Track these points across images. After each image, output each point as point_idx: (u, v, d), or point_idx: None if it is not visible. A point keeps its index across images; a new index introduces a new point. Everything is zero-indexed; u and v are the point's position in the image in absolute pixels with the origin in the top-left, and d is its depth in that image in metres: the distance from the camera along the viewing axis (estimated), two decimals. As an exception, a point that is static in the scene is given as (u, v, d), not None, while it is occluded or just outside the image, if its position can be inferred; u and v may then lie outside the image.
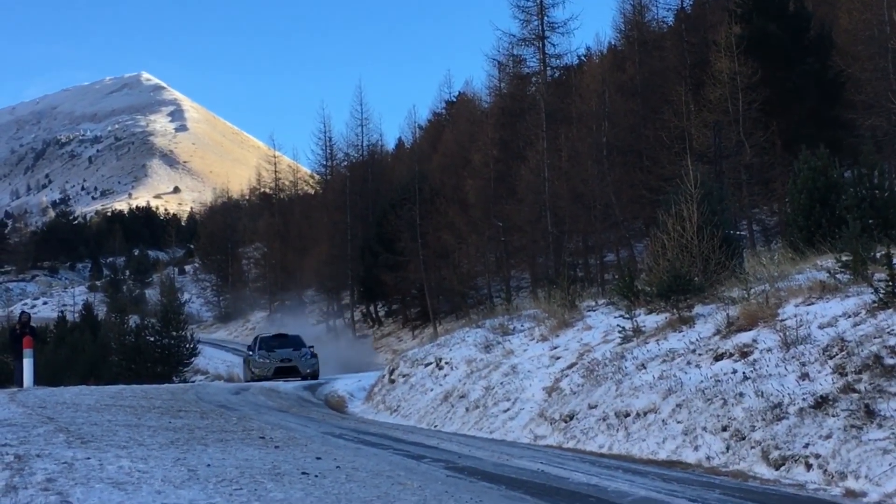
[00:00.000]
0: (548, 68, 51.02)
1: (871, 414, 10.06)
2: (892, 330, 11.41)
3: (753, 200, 37.34)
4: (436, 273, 51.63)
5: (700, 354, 14.33)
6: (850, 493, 9.00)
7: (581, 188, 41.53)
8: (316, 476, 8.27)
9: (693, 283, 17.57)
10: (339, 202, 69.46)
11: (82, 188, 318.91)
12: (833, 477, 9.53)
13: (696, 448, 11.63)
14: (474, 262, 49.45)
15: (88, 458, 8.49)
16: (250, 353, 35.68)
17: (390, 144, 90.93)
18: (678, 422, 12.31)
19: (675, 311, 17.28)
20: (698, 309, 17.09)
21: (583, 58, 58.76)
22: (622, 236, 43.00)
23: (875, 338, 11.39)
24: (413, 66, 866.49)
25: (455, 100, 76.83)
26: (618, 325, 17.93)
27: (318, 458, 9.71)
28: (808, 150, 21.82)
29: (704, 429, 11.84)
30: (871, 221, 18.66)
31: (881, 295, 12.46)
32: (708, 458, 11.31)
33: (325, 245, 69.95)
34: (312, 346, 36.37)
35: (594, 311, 21.71)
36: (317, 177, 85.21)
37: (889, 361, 10.78)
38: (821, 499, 8.89)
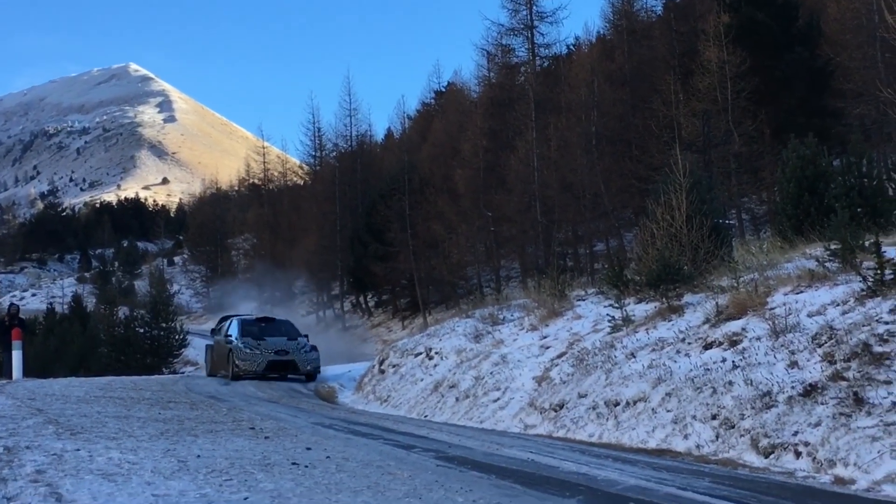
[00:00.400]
0: (537, 58, 51.06)
1: (859, 401, 10.09)
2: (881, 318, 11.45)
3: (742, 189, 37.38)
4: (425, 263, 51.62)
5: (689, 343, 14.36)
6: (839, 481, 9.03)
7: (570, 178, 41.54)
8: (306, 466, 8.28)
9: (682, 272, 17.59)
10: (328, 193, 69.43)
11: (70, 180, 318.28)
12: (822, 464, 9.55)
13: (686, 436, 11.66)
14: (464, 252, 49.39)
15: (78, 450, 8.49)
16: (228, 339, 26.88)
17: (379, 135, 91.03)
18: (668, 410, 12.33)
19: (664, 300, 17.31)
20: (687, 298, 17.13)
21: (571, 47, 58.87)
22: (611, 226, 43.02)
23: (864, 326, 11.43)
24: (402, 57, 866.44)
25: (444, 90, 76.76)
26: (607, 315, 17.97)
27: (309, 449, 9.72)
28: (796, 139, 21.87)
29: (694, 417, 11.86)
30: (859, 210, 18.73)
31: (870, 283, 12.51)
32: (697, 446, 11.33)
33: (314, 236, 69.91)
34: (307, 336, 28.69)
35: (584, 300, 21.74)
36: (306, 167, 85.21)
37: (877, 349, 10.81)
38: (810, 486, 8.91)
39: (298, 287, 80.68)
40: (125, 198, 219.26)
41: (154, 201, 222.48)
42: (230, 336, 26.98)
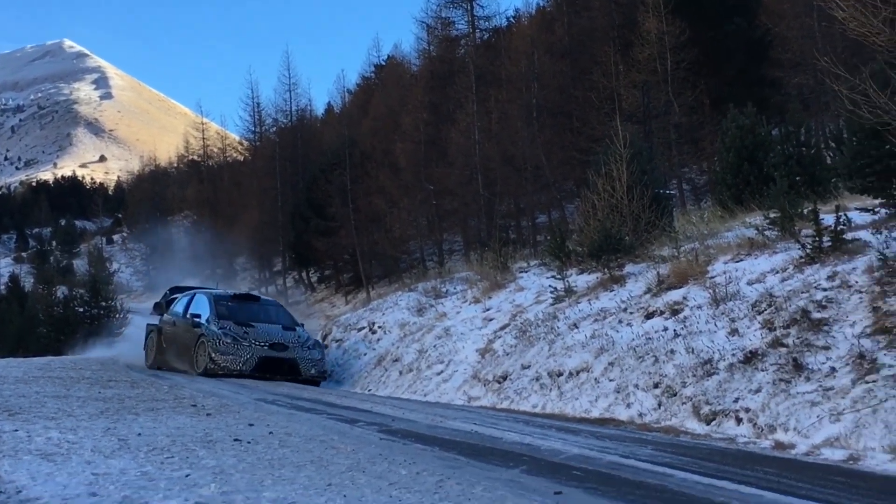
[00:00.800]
0: (477, 30, 50.90)
1: (799, 367, 10.20)
2: (819, 284, 11.58)
3: (683, 159, 37.63)
4: (368, 238, 51.40)
5: (631, 313, 14.45)
6: (779, 446, 9.13)
7: (511, 150, 41.51)
8: (248, 442, 8.21)
9: (623, 242, 17.69)
10: (268, 168, 68.96)
11: (6, 158, 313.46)
12: (763, 430, 9.66)
13: (629, 405, 11.73)
14: (406, 226, 49.23)
15: (16, 430, 8.35)
16: (194, 321, 20.46)
17: (319, 109, 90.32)
18: (610, 380, 12.40)
19: (606, 270, 17.40)
20: (629, 268, 17.23)
21: (511, 19, 58.69)
22: (553, 198, 43.08)
23: (802, 293, 11.55)
24: (341, 31, 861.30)
25: (384, 64, 76.41)
26: (550, 286, 18.03)
27: (251, 425, 9.64)
28: (735, 109, 22.02)
29: (636, 386, 11.94)
30: (798, 178, 18.93)
31: (808, 250, 12.64)
32: (640, 414, 11.41)
33: (255, 212, 69.46)
34: (303, 325, 22.28)
35: (526, 272, 21.79)
36: (245, 143, 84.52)
37: (816, 315, 10.94)
38: (750, 452, 8.99)
39: (240, 263, 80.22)
40: (62, 176, 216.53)
41: (92, 179, 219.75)
42: (198, 317, 20.39)
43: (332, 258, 58.79)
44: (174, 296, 24.29)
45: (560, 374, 13.64)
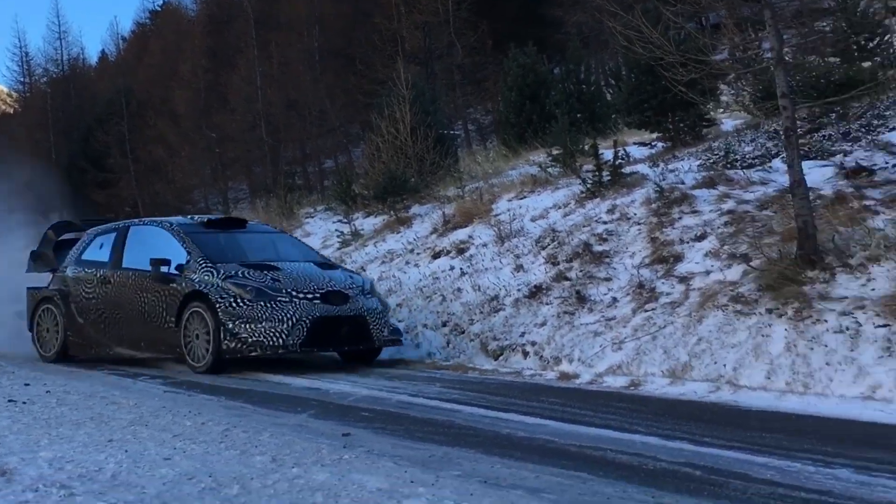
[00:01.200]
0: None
1: (582, 300, 10.40)
2: (600, 218, 11.83)
3: (467, 100, 37.96)
4: (149, 188, 50.09)
5: (418, 253, 14.47)
6: (564, 376, 9.30)
7: (295, 95, 41.04)
8: (24, 403, 7.87)
9: (409, 183, 17.70)
10: (40, 120, 66.24)
11: None
12: (548, 362, 9.81)
13: (418, 345, 11.76)
14: (189, 175, 48.16)
15: None
16: (161, 271, 11.22)
17: (93, 58, 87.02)
18: (399, 321, 12.37)
19: (392, 212, 17.38)
20: (415, 209, 17.25)
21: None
22: (339, 142, 42.87)
23: (584, 227, 11.78)
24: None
25: (160, 9, 74.22)
26: (336, 230, 17.95)
27: (27, 385, 9.27)
28: (517, 49, 22.28)
29: (425, 325, 11.97)
30: (579, 115, 19.39)
31: (589, 185, 12.90)
32: (429, 353, 11.46)
33: (27, 166, 66.69)
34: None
35: (313, 217, 21.65)
36: (15, 95, 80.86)
37: (597, 248, 11.16)
38: (537, 383, 9.14)
39: (16, 220, 77.00)
40: None
41: None
42: (165, 265, 11.33)
43: (113, 211, 56.99)
44: (65, 236, 14.47)
45: (349, 318, 13.54)
